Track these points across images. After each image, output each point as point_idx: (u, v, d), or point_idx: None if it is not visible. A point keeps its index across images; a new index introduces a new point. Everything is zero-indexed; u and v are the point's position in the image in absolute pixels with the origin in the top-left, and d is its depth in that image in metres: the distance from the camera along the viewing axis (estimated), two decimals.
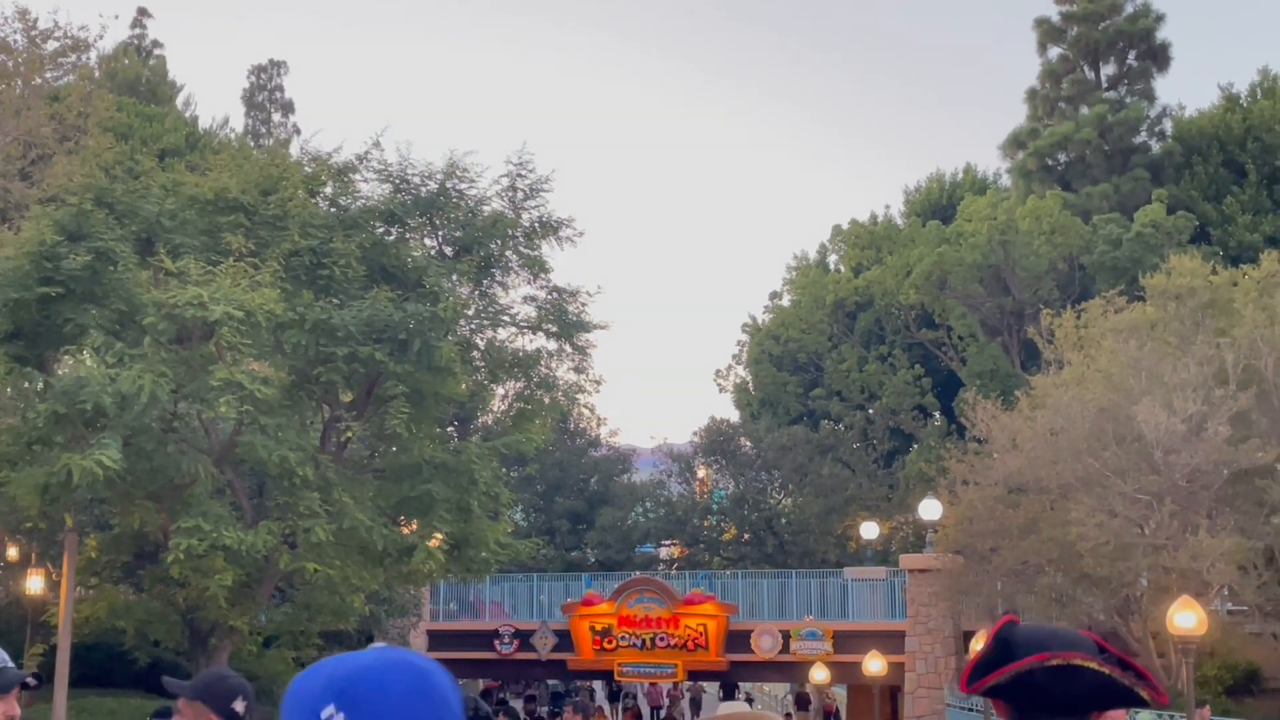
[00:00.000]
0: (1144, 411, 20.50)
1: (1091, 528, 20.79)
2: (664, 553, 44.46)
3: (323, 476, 18.59)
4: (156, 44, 55.19)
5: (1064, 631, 2.54)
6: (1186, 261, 24.16)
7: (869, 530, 37.56)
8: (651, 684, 41.64)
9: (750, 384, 53.23)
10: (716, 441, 44.70)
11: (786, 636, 31.43)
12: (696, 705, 41.27)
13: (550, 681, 45.33)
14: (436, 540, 20.30)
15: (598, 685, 46.52)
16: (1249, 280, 23.01)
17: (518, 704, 42.99)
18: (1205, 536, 19.52)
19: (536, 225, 22.05)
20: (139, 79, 50.55)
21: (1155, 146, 45.19)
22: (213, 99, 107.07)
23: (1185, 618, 16.61)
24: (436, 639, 34.02)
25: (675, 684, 44.61)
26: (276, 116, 60.94)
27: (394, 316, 18.60)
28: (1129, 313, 23.64)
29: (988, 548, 24.95)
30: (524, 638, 33.48)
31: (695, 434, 45.89)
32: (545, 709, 40.56)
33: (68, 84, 29.76)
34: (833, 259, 54.85)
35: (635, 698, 41.38)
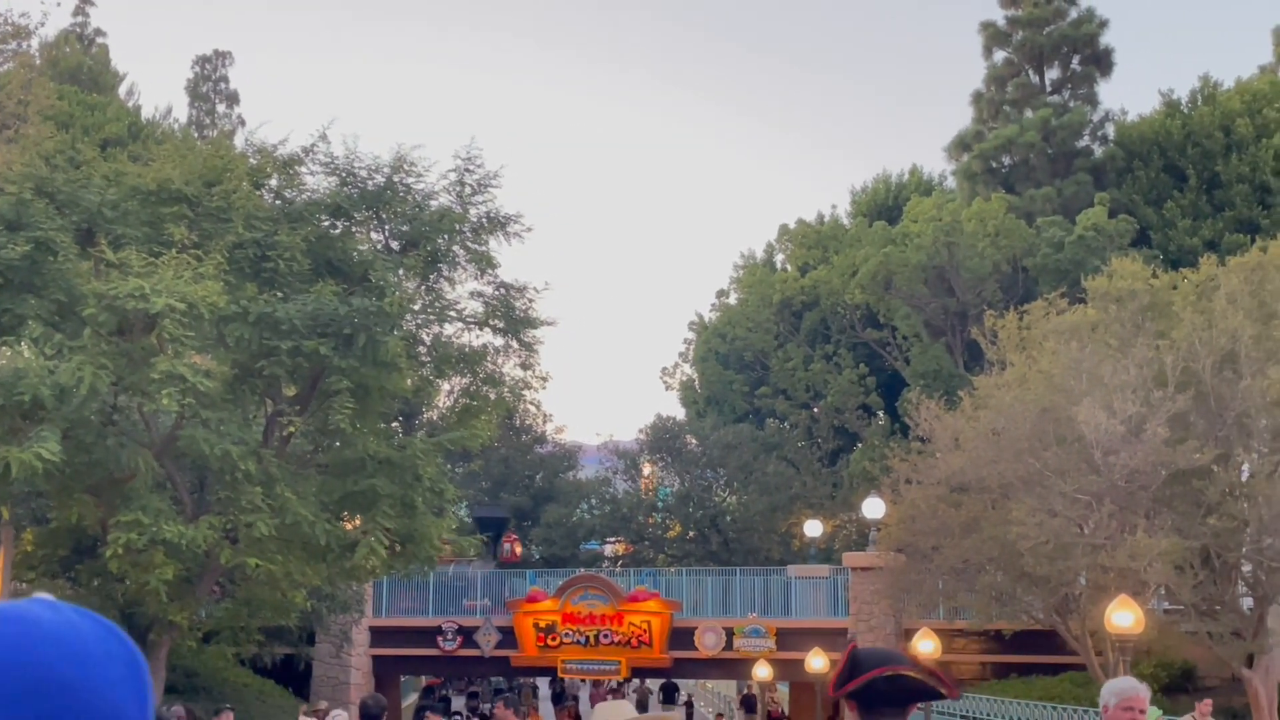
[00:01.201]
0: (1084, 412, 20.72)
1: (1032, 527, 21.00)
2: (609, 550, 44.47)
3: (265, 471, 18.43)
4: (99, 32, 54.46)
5: (891, 652, 3.67)
6: (1127, 265, 24.44)
7: (813, 528, 37.75)
8: (595, 687, 41.57)
9: (696, 382, 53.36)
10: (662, 439, 44.78)
11: (730, 634, 31.54)
12: (643, 708, 41.19)
13: (494, 678, 45.23)
14: (380, 537, 20.17)
15: (543, 683, 46.50)
16: (1188, 284, 23.33)
17: (460, 701, 42.90)
18: (1143, 536, 19.76)
19: (484, 220, 21.95)
20: (81, 67, 49.84)
21: (1098, 151, 45.72)
22: (156, 89, 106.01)
23: (1123, 616, 16.82)
24: (379, 635, 33.84)
25: (619, 684, 44.59)
26: (221, 107, 60.31)
27: (339, 311, 18.47)
28: (1070, 315, 23.89)
29: (930, 546, 25.16)
30: (467, 634, 33.37)
31: (641, 431, 45.98)
32: (488, 706, 40.45)
33: (8, 71, 29.32)
34: (779, 258, 55.09)
35: (577, 699, 41.17)
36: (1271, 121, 43.06)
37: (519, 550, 38.78)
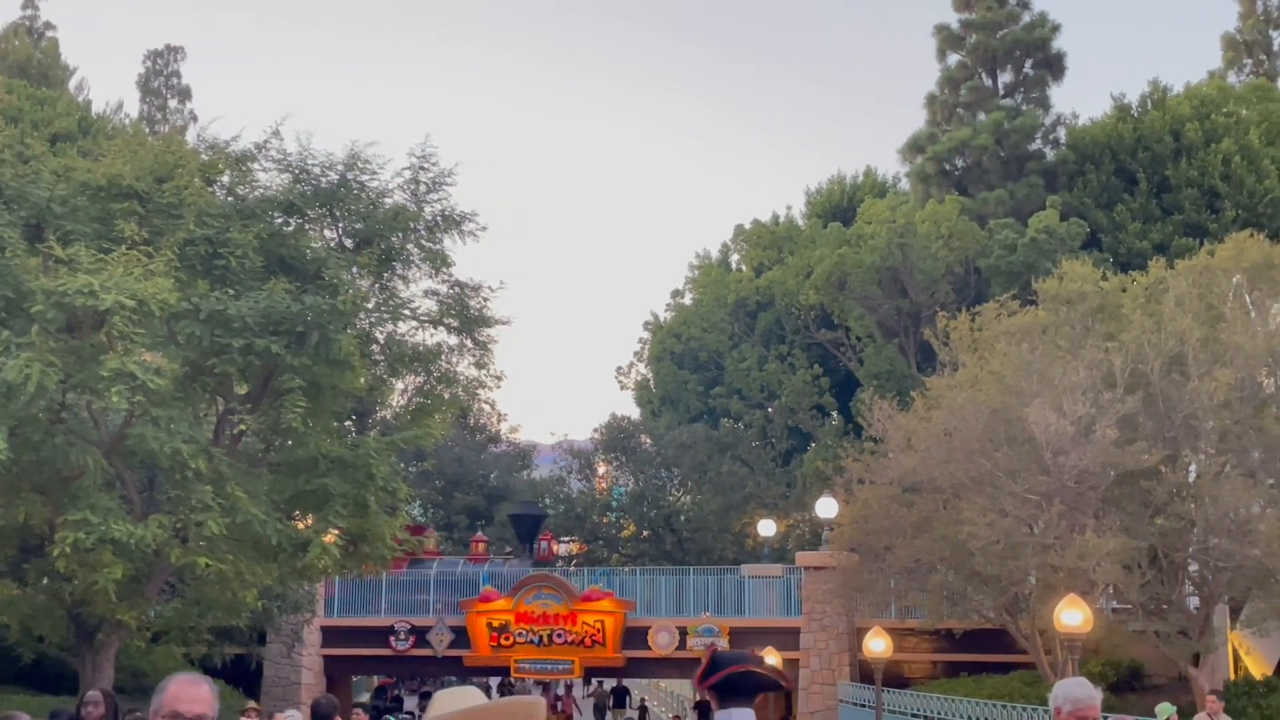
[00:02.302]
0: (1035, 413, 20.90)
1: (982, 527, 21.16)
2: (563, 549, 44.43)
3: (216, 470, 18.27)
4: (49, 26, 53.81)
5: (742, 653, 4.81)
6: (1078, 267, 24.67)
7: (766, 528, 37.87)
8: (545, 690, 41.43)
9: (651, 382, 53.42)
10: (617, 439, 44.78)
11: (683, 633, 31.60)
12: (601, 711, 41.06)
13: (447, 678, 45.06)
14: (332, 536, 20.06)
15: (494, 684, 46.34)
16: (1137, 286, 23.58)
17: (413, 701, 42.71)
18: (1092, 536, 19.95)
19: (439, 219, 21.84)
20: (30, 61, 49.26)
21: (1050, 154, 46.13)
22: (107, 84, 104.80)
23: (1071, 615, 16.98)
24: (331, 635, 33.65)
25: (570, 685, 44.43)
26: (173, 103, 59.80)
27: (292, 308, 18.34)
28: (1022, 316, 24.08)
29: (882, 546, 25.30)
30: (420, 634, 33.25)
31: (596, 431, 45.97)
32: None
33: None
34: (734, 258, 55.26)
35: None
36: (1220, 127, 43.61)
37: (556, 548, 38.31)
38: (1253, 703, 21.64)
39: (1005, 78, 47.52)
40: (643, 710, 42.01)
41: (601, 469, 45.77)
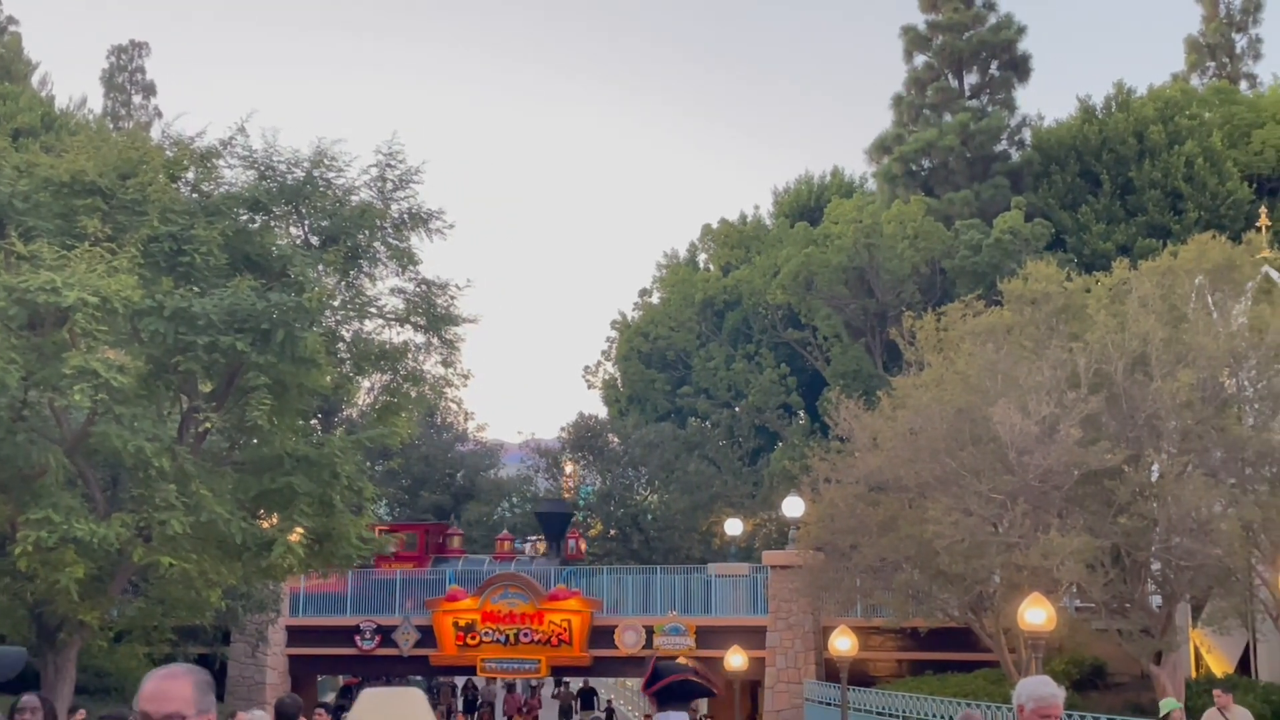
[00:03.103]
0: (999, 413, 21.00)
1: (948, 526, 21.25)
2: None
3: (180, 468, 18.14)
4: (11, 20, 53.29)
5: (681, 664, 5.71)
6: (1042, 268, 24.80)
7: (733, 527, 37.93)
8: (510, 691, 41.29)
9: (619, 381, 53.40)
10: (584, 437, 44.74)
11: (650, 632, 31.60)
12: (567, 714, 40.94)
13: (413, 677, 44.90)
14: (297, 535, 19.96)
15: (460, 683, 46.20)
16: (1101, 287, 23.72)
17: None
18: (1056, 535, 20.05)
19: (405, 216, 21.77)
20: None
21: (1015, 155, 46.40)
22: (70, 79, 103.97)
23: (1035, 614, 17.08)
24: (296, 635, 33.48)
25: (536, 685, 44.27)
26: (137, 99, 59.36)
27: (257, 306, 18.22)
28: (987, 316, 24.20)
29: (848, 545, 25.37)
30: (385, 633, 33.14)
31: (563, 430, 45.91)
32: None
33: None
34: (702, 258, 55.32)
35: (492, 707, 40.69)
36: (1183, 129, 43.97)
37: (584, 546, 38.03)
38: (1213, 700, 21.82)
39: (971, 79, 47.78)
40: (609, 712, 41.92)
41: (569, 468, 45.72)
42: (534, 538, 43.66)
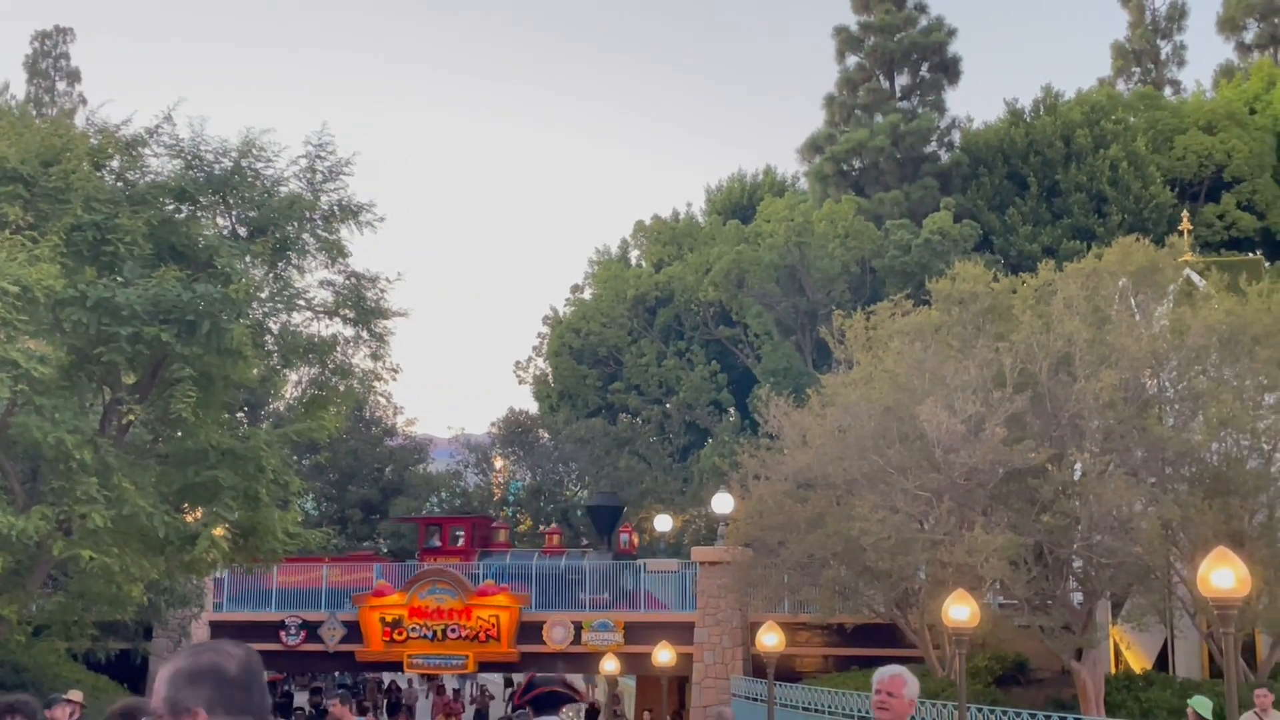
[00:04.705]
0: (926, 412, 21.20)
1: (874, 523, 21.42)
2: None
3: (102, 460, 17.85)
4: None
5: (553, 676, 6.36)
6: (970, 268, 25.05)
7: (663, 523, 38.00)
8: (439, 694, 40.96)
9: (550, 376, 53.29)
10: (514, 433, 44.63)
11: (579, 627, 31.59)
12: (482, 716, 40.64)
13: (338, 674, 44.55)
14: (221, 529, 19.72)
15: (385, 682, 45.88)
16: (1027, 288, 24.01)
17: (303, 696, 42.13)
18: (980, 533, 20.28)
19: (335, 208, 21.53)
20: None
21: (944, 156, 46.92)
22: None
23: (959, 610, 17.27)
24: (219, 630, 33.08)
25: (456, 691, 43.92)
26: (61, 85, 58.31)
27: (182, 297, 17.96)
28: (915, 316, 24.40)
29: (776, 541, 25.51)
30: (311, 629, 32.84)
31: (493, 425, 45.79)
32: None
33: None
34: (635, 254, 55.35)
35: (412, 710, 40.02)
36: (1109, 133, 44.67)
37: (637, 541, 37.58)
38: (1132, 696, 22.20)
39: (902, 80, 48.23)
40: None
41: (499, 463, 45.59)
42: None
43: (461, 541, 35.39)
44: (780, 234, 42.93)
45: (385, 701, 42.84)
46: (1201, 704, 16.63)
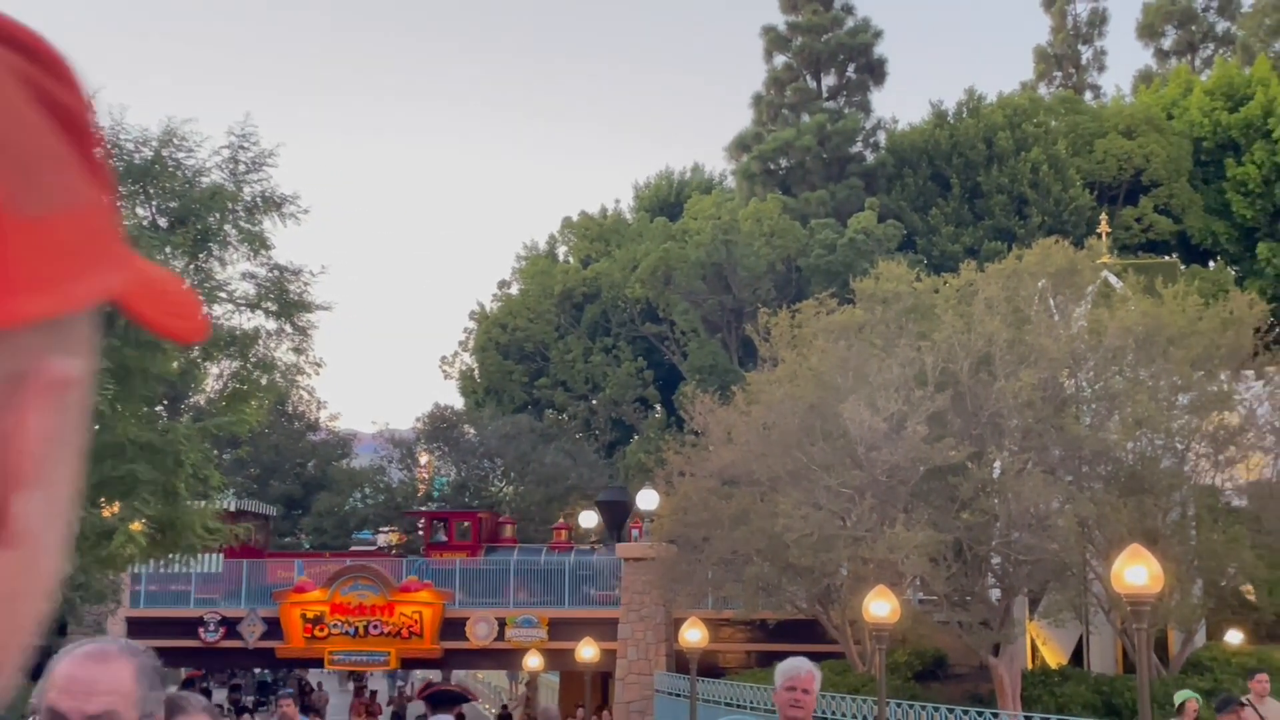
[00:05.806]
0: (849, 409, 21.37)
1: (797, 519, 21.56)
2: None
3: None
4: None
5: (449, 681, 8.95)
6: (894, 268, 25.31)
7: (588, 519, 37.97)
8: (357, 696, 40.50)
9: (476, 372, 53.06)
10: (439, 428, 44.39)
11: (502, 624, 31.49)
12: (399, 718, 40.16)
13: (257, 670, 44.06)
14: (139, 524, 19.43)
15: (305, 679, 45.41)
16: (949, 288, 24.29)
17: (222, 694, 41.61)
18: (901, 529, 20.48)
19: (258, 200, 21.31)
20: None
21: (870, 157, 47.33)
22: None
23: (880, 606, 17.44)
24: (137, 626, 32.57)
25: (374, 694, 43.44)
26: None
27: None
28: (839, 314, 24.60)
29: (700, 537, 25.60)
30: (230, 625, 32.45)
31: (418, 420, 45.51)
32: (250, 699, 39.34)
33: None
34: (562, 250, 55.24)
35: (321, 713, 39.25)
36: (1030, 136, 45.31)
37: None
38: (1048, 690, 22.55)
39: (829, 80, 48.59)
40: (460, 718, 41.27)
41: (423, 459, 45.31)
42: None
43: (469, 537, 35.12)
44: (707, 232, 43.08)
45: (300, 705, 42.00)
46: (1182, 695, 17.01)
